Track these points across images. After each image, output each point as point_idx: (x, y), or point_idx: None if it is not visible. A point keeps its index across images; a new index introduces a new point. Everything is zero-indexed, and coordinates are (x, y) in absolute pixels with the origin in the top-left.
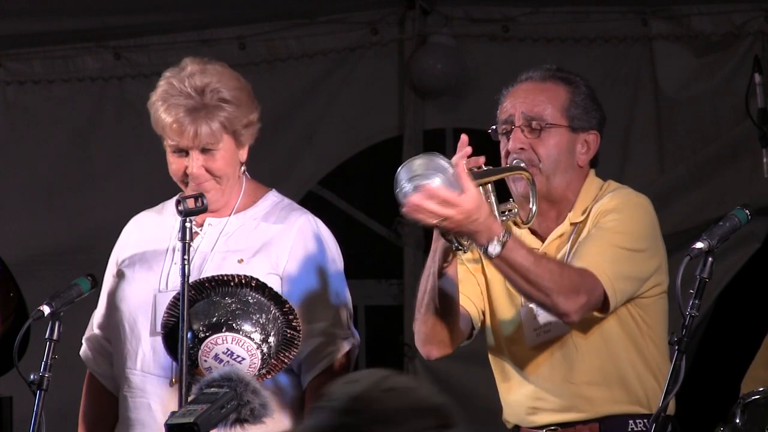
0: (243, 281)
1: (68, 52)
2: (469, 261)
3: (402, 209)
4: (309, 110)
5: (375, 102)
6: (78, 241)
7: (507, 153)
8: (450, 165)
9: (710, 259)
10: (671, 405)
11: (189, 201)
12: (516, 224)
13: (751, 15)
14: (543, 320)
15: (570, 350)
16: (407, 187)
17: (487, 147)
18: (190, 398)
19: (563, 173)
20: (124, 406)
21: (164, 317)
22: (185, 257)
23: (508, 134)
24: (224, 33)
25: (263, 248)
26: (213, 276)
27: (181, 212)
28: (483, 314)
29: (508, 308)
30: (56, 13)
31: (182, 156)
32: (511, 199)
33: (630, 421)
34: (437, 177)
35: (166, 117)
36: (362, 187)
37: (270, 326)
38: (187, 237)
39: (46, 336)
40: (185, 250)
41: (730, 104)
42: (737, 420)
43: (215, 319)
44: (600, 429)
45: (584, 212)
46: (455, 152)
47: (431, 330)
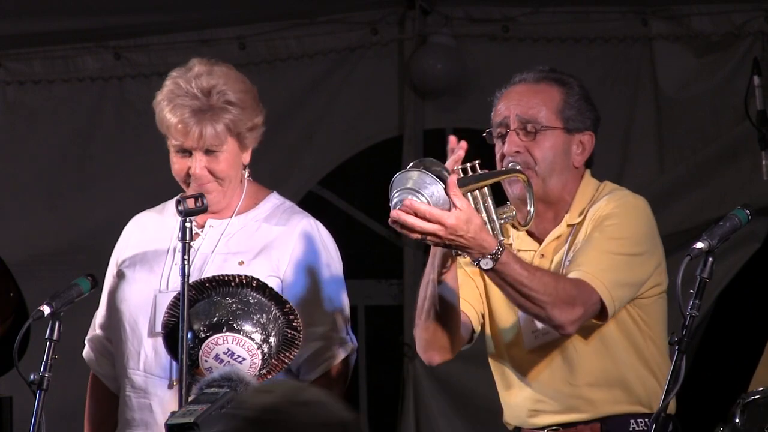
0: (244, 281)
1: (68, 52)
2: (468, 264)
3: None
4: (309, 110)
5: (375, 102)
6: (78, 241)
7: (502, 156)
8: (441, 179)
9: (710, 259)
10: (672, 404)
11: (189, 201)
12: (514, 227)
13: (751, 15)
14: (541, 323)
15: (570, 353)
16: (395, 199)
17: (487, 147)
18: (191, 398)
19: (559, 175)
20: (126, 407)
21: (165, 317)
22: (185, 257)
23: (503, 137)
24: (224, 33)
25: (264, 250)
26: (214, 276)
27: (181, 212)
28: (482, 318)
29: (507, 312)
30: (56, 13)
31: (185, 156)
32: (508, 202)
33: (631, 421)
34: (425, 191)
35: (172, 117)
36: (362, 187)
37: (271, 326)
38: (187, 237)
39: (46, 336)
40: (185, 250)
41: (730, 104)
42: (737, 420)
43: (216, 319)
44: (601, 429)
45: (581, 214)
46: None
47: (432, 336)
